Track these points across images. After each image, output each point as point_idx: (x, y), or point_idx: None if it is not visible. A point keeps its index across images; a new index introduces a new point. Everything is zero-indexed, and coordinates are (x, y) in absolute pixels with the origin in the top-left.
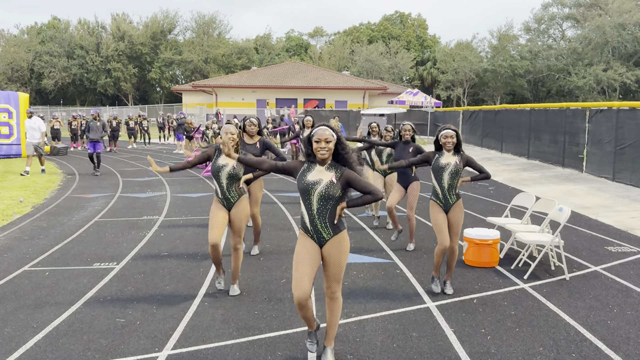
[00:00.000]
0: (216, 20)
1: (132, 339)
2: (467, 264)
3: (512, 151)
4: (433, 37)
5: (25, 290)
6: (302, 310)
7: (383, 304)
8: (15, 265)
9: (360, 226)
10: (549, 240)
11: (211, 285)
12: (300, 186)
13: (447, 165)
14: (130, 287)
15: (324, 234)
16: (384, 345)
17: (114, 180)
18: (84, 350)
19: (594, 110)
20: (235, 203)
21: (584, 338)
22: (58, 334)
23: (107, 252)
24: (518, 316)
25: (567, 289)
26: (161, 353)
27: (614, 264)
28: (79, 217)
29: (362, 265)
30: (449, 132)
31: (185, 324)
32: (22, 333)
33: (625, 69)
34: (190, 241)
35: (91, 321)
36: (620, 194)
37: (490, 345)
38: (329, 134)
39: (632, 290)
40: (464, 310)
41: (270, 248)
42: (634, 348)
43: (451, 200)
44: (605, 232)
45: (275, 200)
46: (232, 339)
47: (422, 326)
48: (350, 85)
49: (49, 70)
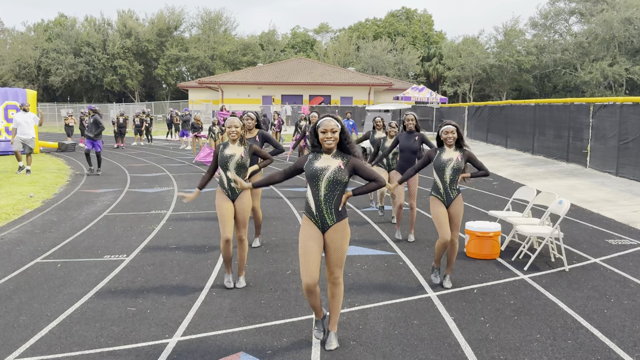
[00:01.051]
0: (222, 16)
1: (143, 327)
2: (468, 256)
3: (517, 147)
4: (439, 33)
5: (39, 281)
6: (311, 297)
7: (385, 294)
8: (28, 258)
9: (365, 220)
10: (549, 232)
11: (219, 276)
12: (309, 172)
13: (449, 161)
14: (140, 278)
15: (328, 220)
16: (385, 332)
17: (122, 176)
18: (97, 337)
19: (598, 106)
20: (239, 195)
21: (581, 326)
22: (71, 322)
23: (116, 245)
24: (517, 305)
25: (566, 279)
26: (171, 339)
27: (613, 256)
28: (89, 211)
29: (366, 257)
30: (450, 127)
31: (194, 312)
32: (37, 321)
33: (631, 63)
34: (197, 234)
35: (103, 310)
36: (623, 188)
37: (488, 332)
38: (334, 124)
39: (629, 280)
40: (464, 300)
41: (276, 241)
42: (629, 335)
43: (452, 195)
44: (607, 225)
45: (280, 195)
46: (240, 327)
47: (423, 314)
48: (356, 82)
49: (55, 67)
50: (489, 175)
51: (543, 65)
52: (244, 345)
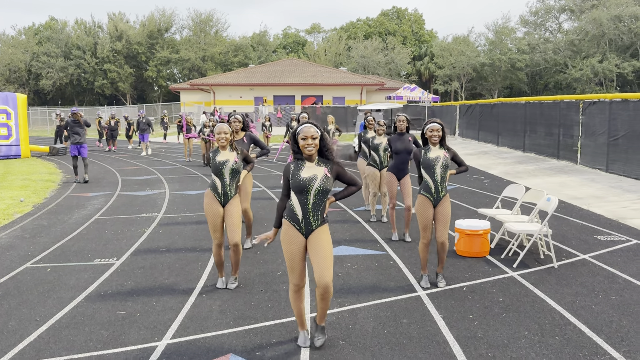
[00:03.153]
0: (213, 18)
1: (132, 330)
2: (458, 254)
3: (508, 144)
4: (430, 32)
5: (28, 286)
6: (297, 299)
7: (375, 293)
8: (18, 262)
9: (356, 219)
10: (537, 229)
11: (209, 278)
12: (296, 184)
13: (437, 159)
14: (130, 282)
15: (314, 225)
16: (375, 331)
17: (113, 179)
18: (85, 341)
19: (588, 103)
20: (230, 200)
21: (568, 322)
22: (60, 327)
23: (107, 249)
24: (505, 302)
25: (555, 276)
26: (160, 342)
27: (602, 252)
28: (79, 215)
29: (356, 257)
30: (435, 125)
31: (184, 315)
32: (25, 326)
33: (621, 60)
34: (188, 237)
35: (92, 314)
36: (613, 184)
37: (477, 330)
38: (314, 130)
39: (617, 276)
40: (454, 298)
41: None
42: (616, 330)
43: (441, 193)
44: (596, 221)
45: (272, 196)
46: (229, 328)
47: (412, 313)
48: (348, 82)
49: (46, 70)
50: (468, 170)
51: (534, 63)
52: (233, 347)
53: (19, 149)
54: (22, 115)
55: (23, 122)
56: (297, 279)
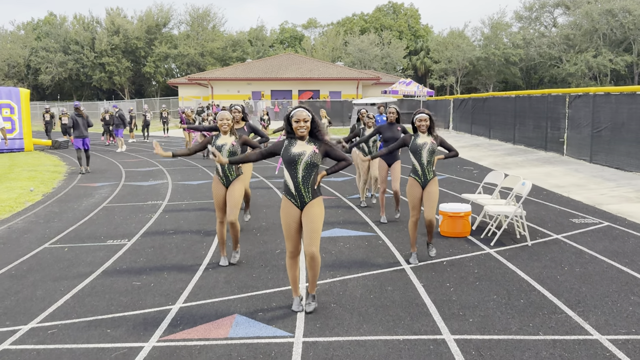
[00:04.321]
0: (210, 13)
1: (148, 297)
2: (442, 234)
3: (500, 137)
4: (425, 27)
5: (49, 263)
6: (292, 266)
7: (364, 267)
8: (36, 244)
9: (349, 205)
10: (513, 210)
11: (214, 256)
12: (287, 158)
13: (424, 145)
14: (142, 259)
15: (306, 198)
16: (362, 296)
17: (117, 171)
18: (107, 306)
19: (573, 96)
20: (232, 181)
21: (534, 289)
22: (83, 295)
23: (118, 231)
24: (480, 273)
25: (527, 252)
26: (174, 306)
27: (574, 233)
28: (88, 203)
29: (349, 237)
30: (423, 115)
31: (193, 284)
32: (52, 295)
33: (614, 54)
34: (193, 221)
35: (111, 284)
36: (595, 174)
37: (452, 295)
38: (305, 114)
39: (585, 252)
40: (434, 270)
41: (266, 225)
42: (575, 295)
43: (429, 176)
44: (574, 207)
45: (270, 186)
46: (234, 295)
47: (396, 282)
48: (344, 76)
49: (45, 65)
50: (458, 155)
51: (529, 58)
52: (238, 309)
53: (22, 143)
54: (25, 109)
55: (26, 116)
56: (292, 246)
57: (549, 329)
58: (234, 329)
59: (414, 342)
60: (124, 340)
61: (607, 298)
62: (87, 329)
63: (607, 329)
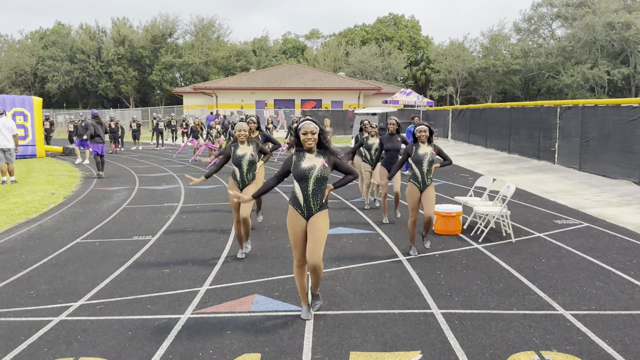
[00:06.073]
0: (215, 23)
1: (178, 281)
2: (436, 232)
3: (495, 146)
4: (426, 38)
5: (84, 255)
6: (300, 274)
7: (365, 258)
8: (69, 239)
9: (352, 207)
10: (498, 210)
11: (232, 249)
12: (297, 173)
13: (425, 155)
14: (167, 251)
15: (314, 209)
16: (364, 281)
17: (130, 177)
18: (144, 287)
19: (564, 108)
20: (247, 185)
21: (512, 276)
22: (121, 280)
23: (141, 229)
24: (467, 264)
25: (511, 247)
26: (202, 288)
27: (555, 232)
28: (109, 204)
29: (351, 235)
30: (423, 127)
31: (216, 271)
32: (93, 279)
33: (612, 66)
34: (209, 221)
35: (144, 272)
36: (582, 181)
37: (441, 280)
38: (313, 126)
39: (562, 248)
40: (427, 261)
41: (276, 225)
42: (548, 281)
43: (427, 182)
44: (559, 210)
45: (278, 190)
46: (253, 280)
47: (393, 270)
48: (346, 86)
49: (52, 74)
50: (452, 163)
51: (527, 69)
52: (257, 290)
53: (34, 149)
54: (37, 117)
55: (38, 124)
56: (300, 254)
57: (521, 306)
58: (255, 305)
59: (407, 315)
60: (163, 313)
61: (575, 283)
62: (129, 305)
63: (572, 306)
